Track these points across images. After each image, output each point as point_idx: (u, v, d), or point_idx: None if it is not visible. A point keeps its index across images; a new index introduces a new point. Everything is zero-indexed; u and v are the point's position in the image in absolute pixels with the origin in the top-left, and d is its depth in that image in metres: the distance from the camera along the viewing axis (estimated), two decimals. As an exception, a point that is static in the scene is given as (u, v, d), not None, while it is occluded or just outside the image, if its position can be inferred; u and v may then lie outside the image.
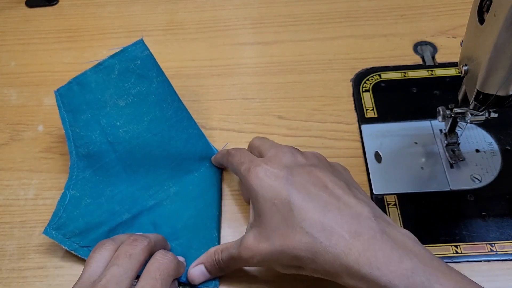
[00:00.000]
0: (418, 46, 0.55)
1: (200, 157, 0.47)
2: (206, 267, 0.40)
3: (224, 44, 0.58)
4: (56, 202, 0.44)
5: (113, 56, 0.46)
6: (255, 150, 0.42)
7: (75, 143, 0.45)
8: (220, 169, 0.48)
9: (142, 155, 0.45)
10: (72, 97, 0.45)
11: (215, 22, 0.60)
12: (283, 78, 0.54)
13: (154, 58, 0.47)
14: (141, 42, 0.46)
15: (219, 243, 0.43)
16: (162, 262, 0.36)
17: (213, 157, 0.47)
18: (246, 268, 0.41)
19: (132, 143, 0.45)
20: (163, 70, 0.48)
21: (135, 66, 0.46)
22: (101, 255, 0.36)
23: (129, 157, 0.45)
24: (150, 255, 0.37)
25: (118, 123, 0.45)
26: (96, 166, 0.45)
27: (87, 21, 0.61)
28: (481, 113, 0.40)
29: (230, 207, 0.45)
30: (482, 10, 0.35)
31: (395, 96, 0.51)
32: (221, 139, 0.50)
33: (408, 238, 0.33)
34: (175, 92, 0.47)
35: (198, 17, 0.61)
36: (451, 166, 0.46)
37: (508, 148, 0.47)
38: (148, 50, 0.46)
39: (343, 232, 0.32)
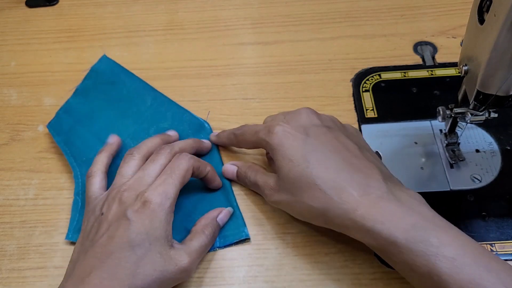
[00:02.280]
0: (418, 46, 0.55)
1: (190, 129, 0.49)
2: (238, 167, 0.45)
3: (224, 44, 0.58)
4: (56, 202, 0.46)
5: (86, 78, 0.53)
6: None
7: (74, 155, 0.48)
8: None
9: (135, 144, 0.46)
10: (62, 123, 0.50)
11: (215, 22, 0.60)
12: (283, 78, 0.54)
13: (118, 64, 0.54)
14: (104, 57, 0.55)
15: (232, 191, 0.45)
16: (176, 162, 0.40)
17: (213, 139, 0.48)
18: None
19: (123, 136, 0.48)
20: (163, 70, 0.49)
21: (107, 78, 0.53)
22: (129, 167, 0.42)
23: (124, 150, 0.46)
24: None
25: (107, 124, 0.50)
26: None
27: (87, 21, 0.61)
28: (481, 113, 0.40)
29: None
30: (482, 10, 0.35)
31: (395, 96, 0.51)
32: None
33: (414, 199, 0.36)
34: (146, 83, 0.53)
35: (198, 17, 0.61)
36: (451, 166, 0.46)
37: (508, 148, 0.47)
38: (113, 61, 0.54)
39: (353, 190, 0.35)
